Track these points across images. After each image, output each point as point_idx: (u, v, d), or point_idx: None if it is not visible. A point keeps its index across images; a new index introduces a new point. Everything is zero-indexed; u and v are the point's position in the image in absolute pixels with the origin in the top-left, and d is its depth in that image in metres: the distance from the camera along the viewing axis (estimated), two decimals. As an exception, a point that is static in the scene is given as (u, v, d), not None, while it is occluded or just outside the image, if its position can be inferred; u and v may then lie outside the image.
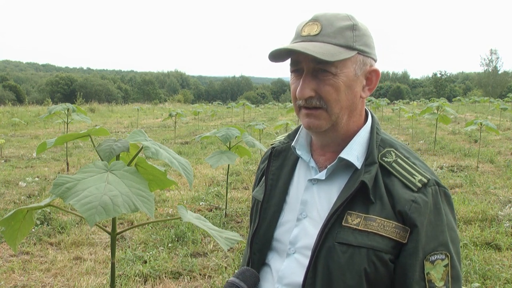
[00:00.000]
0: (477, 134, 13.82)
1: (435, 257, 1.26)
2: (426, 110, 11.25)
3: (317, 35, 1.30)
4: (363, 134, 1.40)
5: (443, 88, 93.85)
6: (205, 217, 1.63)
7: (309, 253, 1.34)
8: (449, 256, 1.27)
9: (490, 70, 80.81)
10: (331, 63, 1.28)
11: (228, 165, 6.08)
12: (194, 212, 1.54)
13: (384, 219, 1.27)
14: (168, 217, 5.06)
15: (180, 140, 15.08)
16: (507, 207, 6.40)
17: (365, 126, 1.42)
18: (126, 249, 4.94)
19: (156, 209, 6.37)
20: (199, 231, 5.33)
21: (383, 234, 1.26)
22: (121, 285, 4.13)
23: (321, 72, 1.30)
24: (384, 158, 1.36)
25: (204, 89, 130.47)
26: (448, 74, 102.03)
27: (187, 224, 5.44)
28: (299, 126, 1.55)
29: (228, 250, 4.88)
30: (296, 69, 1.37)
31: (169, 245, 5.04)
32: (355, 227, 1.28)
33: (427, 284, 1.25)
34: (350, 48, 1.30)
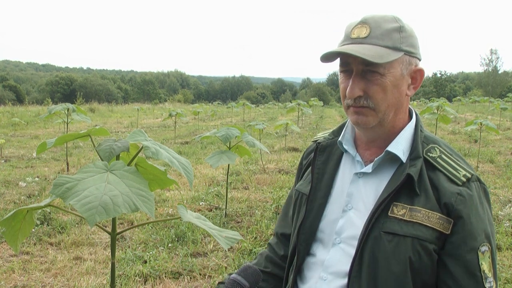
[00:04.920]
0: (477, 134, 13.81)
1: (484, 249, 1.34)
2: (426, 110, 11.22)
3: (366, 38, 1.39)
4: (408, 130, 1.50)
5: (443, 88, 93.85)
6: (205, 217, 1.64)
7: (354, 242, 1.43)
8: (490, 248, 1.35)
9: (490, 70, 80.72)
10: (379, 64, 1.36)
11: (228, 165, 6.08)
12: (194, 212, 1.54)
13: (429, 211, 1.34)
14: (168, 217, 5.06)
15: (180, 140, 15.07)
16: (507, 207, 6.40)
17: (410, 122, 1.52)
18: (126, 249, 4.94)
19: (156, 209, 6.36)
20: (199, 231, 5.32)
21: (428, 224, 1.34)
22: (121, 285, 4.13)
23: (369, 73, 1.39)
24: (429, 154, 1.45)
25: (204, 89, 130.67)
26: (448, 74, 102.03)
27: (187, 224, 5.44)
28: (344, 123, 1.66)
29: (228, 250, 4.87)
30: (345, 70, 1.45)
31: (169, 245, 5.04)
32: (400, 217, 1.36)
33: (482, 274, 1.32)
34: (397, 49, 1.39)
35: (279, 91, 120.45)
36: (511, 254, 4.88)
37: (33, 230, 5.37)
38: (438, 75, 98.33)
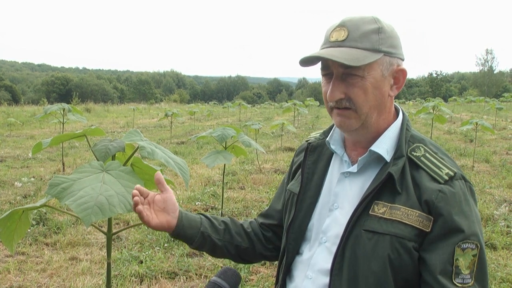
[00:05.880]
0: (473, 134, 13.85)
1: (467, 245, 1.31)
2: (422, 110, 11.25)
3: (344, 41, 1.38)
4: (393, 129, 1.49)
5: (438, 87, 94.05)
6: (201, 217, 1.63)
7: (338, 241, 1.43)
8: (479, 246, 1.33)
9: (486, 70, 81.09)
10: (358, 67, 1.35)
11: (224, 165, 6.07)
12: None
13: (408, 208, 1.34)
14: (164, 217, 5.05)
15: (176, 140, 15.05)
16: (502, 206, 6.42)
17: (395, 122, 1.51)
18: (122, 249, 4.94)
19: (152, 209, 6.35)
20: (195, 231, 5.32)
21: (407, 222, 1.34)
22: (117, 285, 4.12)
23: (349, 76, 1.38)
24: (413, 152, 1.44)
25: (200, 89, 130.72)
26: (444, 74, 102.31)
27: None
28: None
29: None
30: (326, 73, 1.45)
31: (165, 245, 5.03)
32: (380, 215, 1.37)
33: (454, 269, 1.30)
34: (376, 51, 1.38)
35: (275, 91, 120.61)
36: (506, 254, 4.89)
37: (28, 230, 5.35)
38: (434, 75, 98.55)
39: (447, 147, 12.50)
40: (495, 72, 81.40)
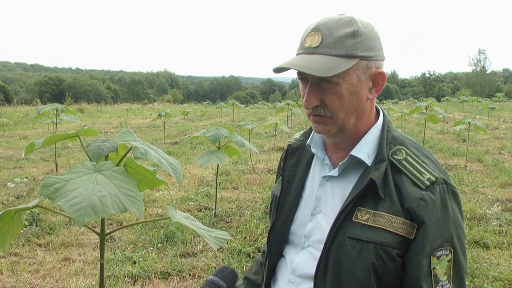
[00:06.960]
0: (466, 134, 13.90)
1: (441, 253, 1.31)
2: (415, 110, 11.26)
3: (317, 47, 1.33)
4: (374, 132, 1.46)
5: (431, 87, 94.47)
6: (194, 217, 1.63)
7: (321, 246, 1.41)
8: (452, 251, 1.33)
9: (478, 70, 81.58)
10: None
11: (218, 165, 6.08)
12: (184, 212, 1.54)
13: (392, 216, 1.33)
14: (158, 217, 5.04)
15: (170, 140, 15.04)
16: (495, 205, 6.45)
17: (376, 124, 1.48)
18: (115, 250, 4.93)
19: (145, 209, 6.35)
20: (189, 231, 5.32)
21: (391, 230, 1.32)
22: (110, 286, 4.12)
23: (324, 82, 1.35)
24: (394, 156, 1.41)
25: (193, 89, 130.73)
26: (437, 74, 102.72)
27: (176, 224, 5.43)
28: None
29: (218, 250, 4.87)
30: (302, 77, 1.41)
31: (159, 245, 5.03)
32: (364, 222, 1.34)
33: (433, 278, 1.31)
34: (350, 57, 1.32)
35: (269, 91, 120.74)
36: (499, 253, 4.91)
37: (21, 231, 5.33)
38: (427, 75, 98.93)
39: (440, 146, 12.54)
40: (487, 72, 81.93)
